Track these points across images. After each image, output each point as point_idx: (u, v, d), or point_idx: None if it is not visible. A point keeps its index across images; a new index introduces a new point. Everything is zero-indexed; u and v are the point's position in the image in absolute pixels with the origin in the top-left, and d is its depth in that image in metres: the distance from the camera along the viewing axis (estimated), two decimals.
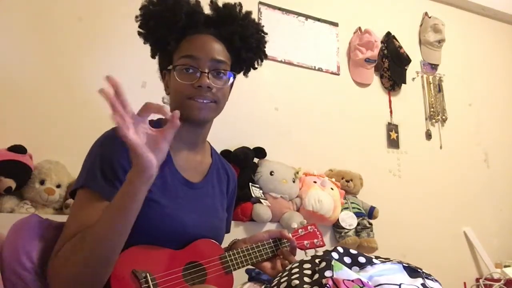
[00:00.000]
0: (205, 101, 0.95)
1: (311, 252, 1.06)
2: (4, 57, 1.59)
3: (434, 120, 2.53)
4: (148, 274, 0.81)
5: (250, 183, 1.74)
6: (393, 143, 2.36)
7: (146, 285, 0.80)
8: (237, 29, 1.02)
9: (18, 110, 1.56)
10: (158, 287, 0.82)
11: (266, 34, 1.09)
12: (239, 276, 0.99)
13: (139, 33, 1.01)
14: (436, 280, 0.80)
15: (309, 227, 1.16)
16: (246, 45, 1.05)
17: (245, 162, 1.77)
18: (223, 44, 1.01)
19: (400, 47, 2.41)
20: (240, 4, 1.05)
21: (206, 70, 0.95)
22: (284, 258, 1.05)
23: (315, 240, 1.15)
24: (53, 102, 1.62)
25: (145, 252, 0.85)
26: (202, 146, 1.08)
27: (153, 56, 1.06)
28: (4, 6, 1.61)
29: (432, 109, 2.54)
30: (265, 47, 1.10)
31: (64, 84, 1.66)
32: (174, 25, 0.97)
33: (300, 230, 1.14)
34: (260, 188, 1.76)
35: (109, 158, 0.86)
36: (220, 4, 1.05)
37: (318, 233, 1.17)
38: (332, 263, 0.75)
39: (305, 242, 1.13)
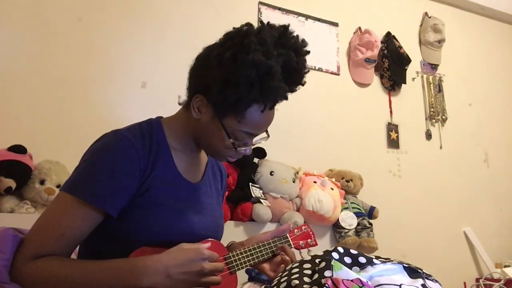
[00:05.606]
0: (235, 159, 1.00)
1: (304, 252, 1.09)
2: (4, 57, 1.59)
3: (434, 120, 2.53)
4: None
5: (250, 183, 1.73)
6: (393, 143, 2.36)
7: None
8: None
9: (18, 110, 1.56)
10: None
11: None
12: (239, 276, 0.99)
13: (234, 82, 0.84)
14: (436, 281, 0.80)
15: (303, 227, 1.20)
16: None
17: (245, 162, 1.76)
18: None
19: (400, 47, 2.41)
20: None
21: (253, 142, 0.97)
22: (285, 254, 1.05)
23: (309, 240, 1.18)
24: (53, 102, 1.62)
25: (154, 253, 0.85)
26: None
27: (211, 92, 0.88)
28: (4, 6, 1.61)
29: (432, 109, 2.54)
30: None
31: (64, 84, 1.66)
32: (268, 102, 0.88)
33: (296, 231, 1.17)
34: (260, 188, 1.76)
35: (113, 169, 0.83)
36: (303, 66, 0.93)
37: (311, 233, 1.20)
38: (332, 263, 0.75)
39: (301, 242, 1.16)
